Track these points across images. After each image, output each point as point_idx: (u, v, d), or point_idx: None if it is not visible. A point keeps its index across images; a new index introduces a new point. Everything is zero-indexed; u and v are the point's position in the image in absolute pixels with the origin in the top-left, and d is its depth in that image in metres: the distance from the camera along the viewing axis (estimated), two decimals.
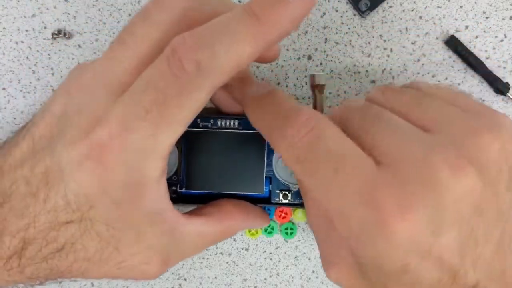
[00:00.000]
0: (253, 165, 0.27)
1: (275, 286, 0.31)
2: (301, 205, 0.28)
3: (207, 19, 0.19)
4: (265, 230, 0.30)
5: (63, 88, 0.22)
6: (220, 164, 0.27)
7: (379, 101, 0.22)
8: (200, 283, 0.31)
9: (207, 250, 0.30)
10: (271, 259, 0.30)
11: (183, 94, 0.19)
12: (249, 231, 0.30)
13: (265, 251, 0.30)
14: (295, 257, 0.30)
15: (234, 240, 0.30)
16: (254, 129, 0.27)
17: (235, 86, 0.25)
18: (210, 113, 0.28)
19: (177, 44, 0.19)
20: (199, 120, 0.27)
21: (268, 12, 0.19)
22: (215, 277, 0.31)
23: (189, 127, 0.27)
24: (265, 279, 0.31)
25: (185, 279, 0.31)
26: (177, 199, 0.27)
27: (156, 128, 0.20)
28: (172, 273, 0.31)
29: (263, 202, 0.28)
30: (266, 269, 0.31)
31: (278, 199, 0.28)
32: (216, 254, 0.30)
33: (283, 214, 0.30)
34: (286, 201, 0.28)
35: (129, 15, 0.29)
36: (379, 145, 0.19)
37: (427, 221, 0.18)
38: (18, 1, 0.29)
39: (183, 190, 0.27)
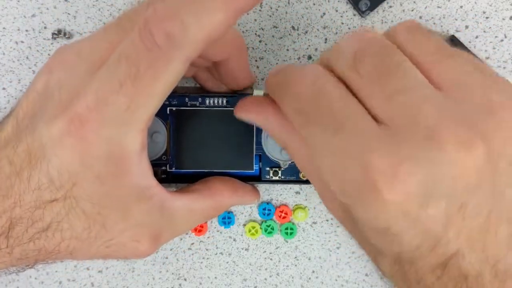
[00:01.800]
0: (243, 143, 0.27)
1: (275, 286, 0.31)
2: (291, 182, 0.28)
3: None
4: (265, 230, 0.30)
5: (46, 66, 0.22)
6: (209, 142, 0.27)
7: (400, 42, 0.20)
8: (200, 283, 0.31)
9: (207, 250, 0.30)
10: (271, 259, 0.31)
11: (156, 67, 0.19)
12: (249, 231, 0.30)
13: (265, 251, 0.30)
14: (295, 257, 0.30)
15: (234, 240, 0.30)
16: None
17: (234, 56, 0.24)
18: (197, 91, 0.28)
19: (149, 15, 0.19)
20: (187, 99, 0.27)
21: None
22: (215, 277, 0.31)
23: (177, 106, 0.27)
24: (265, 279, 0.31)
25: (185, 279, 0.31)
26: (167, 179, 0.27)
27: (131, 101, 0.20)
28: (172, 273, 0.31)
29: (253, 180, 0.28)
30: (266, 269, 0.31)
31: (268, 177, 0.28)
32: (216, 254, 0.30)
33: (283, 214, 0.30)
34: (277, 178, 0.28)
35: None
36: (388, 103, 0.18)
37: (418, 193, 0.17)
38: (18, 1, 0.29)
39: (173, 169, 0.27)
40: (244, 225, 0.30)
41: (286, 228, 0.30)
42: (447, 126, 0.17)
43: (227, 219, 0.30)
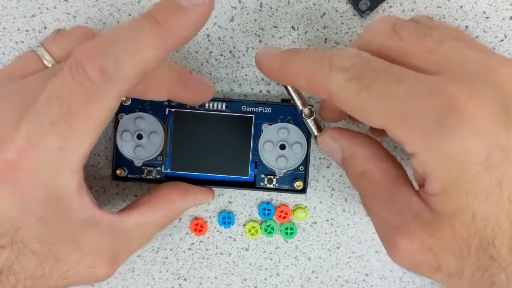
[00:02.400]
0: (239, 148, 0.27)
1: (275, 286, 0.31)
2: (285, 191, 0.28)
3: None
4: (265, 230, 0.30)
5: None
6: (206, 146, 0.27)
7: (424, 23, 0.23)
8: (200, 283, 0.31)
9: (207, 250, 0.30)
10: (271, 259, 0.31)
11: (90, 102, 0.19)
12: (249, 231, 0.30)
13: (265, 251, 0.30)
14: (295, 257, 0.30)
15: (234, 240, 0.30)
16: (242, 112, 0.27)
17: (177, 92, 0.24)
18: None
19: (79, 53, 0.19)
20: None
21: (168, 18, 0.19)
22: (215, 277, 0.31)
23: (177, 107, 0.27)
24: (265, 279, 0.31)
25: (185, 279, 0.31)
26: (160, 180, 0.27)
27: (64, 140, 0.19)
28: (172, 273, 0.31)
29: (248, 186, 0.28)
30: (266, 269, 0.31)
31: (263, 184, 0.28)
32: (216, 254, 0.30)
33: (283, 214, 0.30)
34: (271, 186, 0.28)
35: (129, 15, 0.29)
36: (436, 52, 0.20)
37: (496, 108, 0.18)
38: (18, 1, 0.29)
39: (168, 170, 0.27)
40: (244, 225, 0.30)
41: (286, 228, 0.30)
42: (496, 62, 0.19)
43: (227, 219, 0.30)
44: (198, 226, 0.30)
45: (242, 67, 0.29)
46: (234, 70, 0.29)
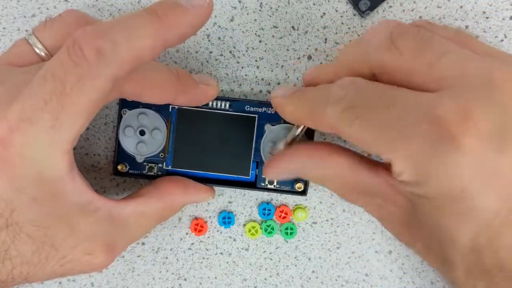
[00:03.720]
0: (241, 148, 0.27)
1: (275, 286, 0.31)
2: (286, 192, 0.28)
3: None
4: (265, 230, 0.30)
5: None
6: (208, 144, 0.27)
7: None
8: (200, 283, 0.31)
9: (207, 250, 0.30)
10: (271, 259, 0.31)
11: (83, 81, 0.19)
12: (249, 231, 0.30)
13: (265, 251, 0.30)
14: (295, 257, 0.30)
15: (234, 240, 0.30)
16: (245, 112, 0.27)
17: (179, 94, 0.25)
18: None
19: (78, 34, 0.19)
20: None
21: (168, 13, 0.20)
22: (215, 277, 0.31)
23: (181, 106, 0.27)
24: (265, 279, 0.31)
25: (185, 279, 0.31)
26: (162, 176, 0.27)
27: (56, 118, 0.19)
28: (172, 273, 0.31)
29: (249, 186, 0.28)
30: (266, 269, 0.31)
31: (264, 184, 0.28)
32: (216, 254, 0.30)
33: (283, 214, 0.30)
34: (271, 187, 0.28)
35: None
36: (436, 67, 0.19)
37: (493, 135, 0.17)
38: (18, 1, 0.29)
39: (169, 167, 0.27)
40: (244, 225, 0.30)
41: (286, 228, 0.30)
42: (501, 75, 0.18)
43: (227, 219, 0.30)
44: (198, 226, 0.30)
45: (242, 67, 0.29)
46: (234, 70, 0.29)
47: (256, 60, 0.29)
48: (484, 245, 0.18)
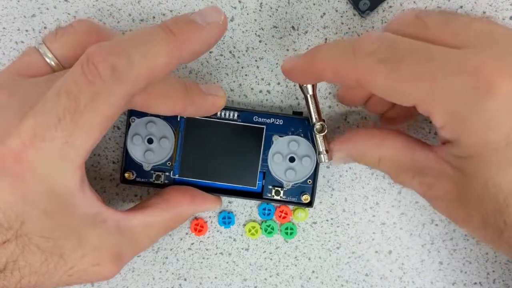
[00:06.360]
0: (249, 158, 0.27)
1: (275, 286, 0.31)
2: (292, 203, 0.28)
3: None
4: (265, 230, 0.30)
5: None
6: (215, 154, 0.27)
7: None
8: (200, 283, 0.31)
9: (207, 250, 0.30)
10: (271, 259, 0.30)
11: (98, 99, 0.19)
12: (249, 231, 0.30)
13: (265, 251, 0.30)
14: (295, 257, 0.30)
15: (234, 240, 0.30)
16: (253, 122, 0.27)
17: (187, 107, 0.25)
18: None
19: (93, 51, 0.19)
20: None
21: (183, 31, 0.20)
22: (215, 277, 0.31)
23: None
24: (265, 279, 0.31)
25: (185, 279, 0.31)
26: (169, 185, 0.27)
27: (70, 135, 0.19)
28: (172, 273, 0.31)
29: (255, 197, 0.28)
30: (266, 269, 0.31)
31: (270, 195, 0.28)
32: (216, 254, 0.30)
33: (283, 214, 0.30)
34: (278, 198, 0.28)
35: (129, 15, 0.29)
36: (463, 33, 0.20)
37: None
38: (18, 1, 0.29)
39: (176, 176, 0.27)
40: (244, 225, 0.30)
41: (286, 228, 0.30)
42: None
43: (227, 219, 0.30)
44: (198, 226, 0.30)
45: (242, 67, 0.29)
46: (234, 70, 0.29)
47: (256, 60, 0.29)
48: None
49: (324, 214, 0.30)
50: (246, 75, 0.29)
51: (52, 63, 0.24)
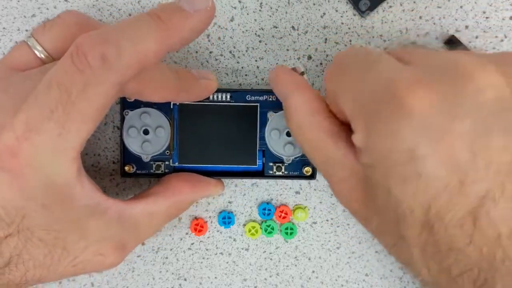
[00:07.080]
0: (246, 138, 0.27)
1: (275, 286, 0.31)
2: (294, 177, 0.28)
3: None
4: (265, 230, 0.30)
5: None
6: (212, 138, 0.27)
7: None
8: (200, 283, 0.31)
9: (207, 250, 0.30)
10: (271, 259, 0.31)
11: (89, 88, 0.19)
12: (249, 231, 0.30)
13: (265, 251, 0.30)
14: (295, 257, 0.30)
15: (234, 240, 0.30)
16: (246, 102, 0.27)
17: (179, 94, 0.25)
18: None
19: (82, 40, 0.19)
20: None
21: (171, 18, 0.20)
22: (215, 277, 0.31)
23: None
24: (265, 279, 0.31)
25: (185, 279, 0.31)
26: (169, 173, 0.27)
27: (63, 127, 0.19)
28: (172, 273, 0.31)
29: (257, 175, 0.28)
30: (266, 269, 0.31)
31: (272, 172, 0.28)
32: (216, 254, 0.30)
33: (283, 214, 0.30)
34: (280, 173, 0.28)
35: (129, 15, 0.29)
36: (411, 52, 0.20)
37: (442, 100, 0.17)
38: (18, 1, 0.29)
39: (176, 164, 0.27)
40: (244, 225, 0.30)
41: (286, 228, 0.30)
42: (466, 58, 0.18)
43: (227, 219, 0.30)
44: (198, 226, 0.30)
45: (242, 67, 0.29)
46: (234, 70, 0.29)
47: (256, 60, 0.29)
48: (434, 220, 0.17)
49: (324, 214, 0.30)
50: (246, 75, 0.29)
51: (42, 55, 0.24)
